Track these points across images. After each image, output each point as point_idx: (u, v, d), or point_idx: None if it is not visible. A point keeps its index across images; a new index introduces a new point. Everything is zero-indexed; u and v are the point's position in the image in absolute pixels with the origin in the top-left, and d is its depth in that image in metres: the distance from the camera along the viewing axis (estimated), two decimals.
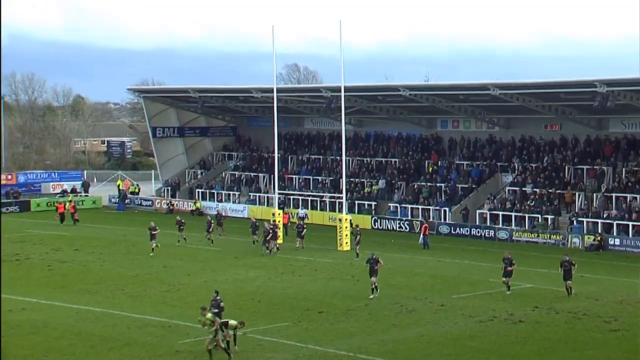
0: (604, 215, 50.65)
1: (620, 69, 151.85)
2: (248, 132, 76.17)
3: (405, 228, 56.28)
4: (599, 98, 47.62)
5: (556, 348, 26.67)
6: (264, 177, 68.61)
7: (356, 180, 63.41)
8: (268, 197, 64.84)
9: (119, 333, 28.16)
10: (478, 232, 53.58)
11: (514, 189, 56.24)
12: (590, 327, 29.30)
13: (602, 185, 53.22)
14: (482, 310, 31.70)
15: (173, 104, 73.37)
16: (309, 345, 26.77)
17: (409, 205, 58.65)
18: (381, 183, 62.09)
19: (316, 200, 62.66)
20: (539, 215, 52.81)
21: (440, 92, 57.04)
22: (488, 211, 55.08)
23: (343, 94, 49.26)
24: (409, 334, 28.21)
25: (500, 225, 53.65)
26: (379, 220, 57.93)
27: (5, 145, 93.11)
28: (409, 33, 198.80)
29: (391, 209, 59.38)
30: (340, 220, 48.78)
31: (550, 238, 50.72)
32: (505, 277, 34.73)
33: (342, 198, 51.32)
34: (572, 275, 33.89)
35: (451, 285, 36.91)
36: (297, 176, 67.12)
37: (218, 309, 26.31)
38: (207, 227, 48.88)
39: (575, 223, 51.08)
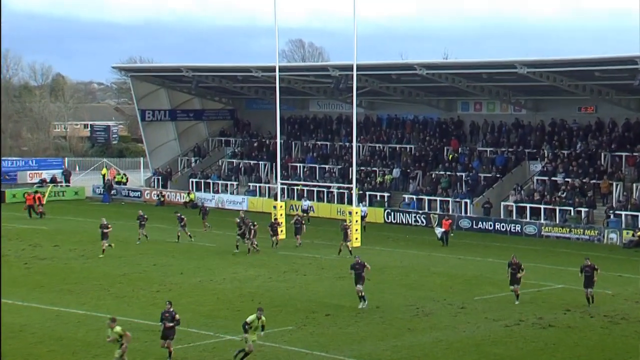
0: None
1: None
2: (247, 116, 76.21)
3: (422, 222, 56.30)
4: (639, 77, 47.47)
5: (590, 356, 26.68)
6: (264, 166, 68.67)
7: (367, 169, 63.42)
8: (269, 188, 64.95)
9: (104, 338, 28.12)
10: (503, 227, 53.57)
11: (543, 178, 56.19)
12: (629, 333, 29.27)
13: None
14: (508, 313, 31.68)
15: (164, 84, 73.41)
16: (315, 351, 26.80)
17: (426, 197, 58.67)
18: (395, 172, 62.11)
19: (323, 191, 62.70)
20: (572, 208, 52.77)
21: (461, 71, 56.96)
22: (514, 203, 55.05)
23: (355, 72, 49.20)
24: (426, 339, 28.22)
25: (528, 219, 53.63)
26: (392, 214, 57.98)
27: None
28: (424, 5, 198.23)
29: (406, 200, 59.41)
30: (349, 213, 48.81)
31: (583, 233, 50.68)
32: (513, 285, 33.46)
33: (352, 189, 51.33)
34: (595, 283, 32.95)
35: (472, 286, 36.93)
36: (302, 164, 67.18)
37: (173, 321, 26.03)
38: (180, 222, 48.70)
39: (612, 217, 51.04)
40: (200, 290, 35.88)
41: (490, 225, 54.04)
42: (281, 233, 47.99)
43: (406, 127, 66.11)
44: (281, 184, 55.21)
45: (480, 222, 54.47)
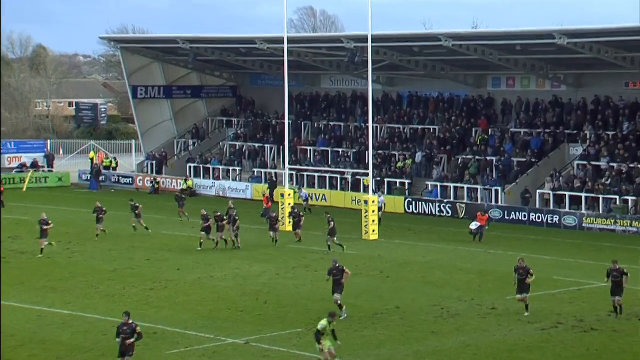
0: None
1: None
2: (251, 93, 76.23)
3: (447, 212, 56.28)
4: None
5: None
6: (271, 149, 68.72)
7: (386, 152, 63.40)
8: (276, 174, 64.99)
9: (92, 341, 28.31)
10: (538, 218, 53.52)
11: (584, 163, 56.07)
12: None
13: None
14: (544, 315, 31.62)
15: (158, 57, 73.47)
16: None
17: (452, 184, 58.63)
18: (417, 156, 62.07)
19: (336, 178, 62.72)
20: (617, 197, 52.66)
21: (491, 42, 56.78)
22: (551, 191, 54.99)
23: (370, 44, 49.06)
24: (452, 344, 28.19)
25: (567, 210, 53.56)
26: (413, 203, 57.97)
27: None
28: None
29: (429, 188, 59.40)
30: (365, 202, 48.80)
31: (631, 225, 50.59)
32: (520, 294, 31.79)
33: (369, 175, 51.33)
34: (624, 289, 31.95)
35: (504, 284, 36.79)
36: (313, 148, 67.19)
37: (134, 334, 24.37)
38: (133, 210, 48.67)
39: None
40: (199, 288, 35.95)
41: (525, 216, 53.97)
42: (282, 226, 47.98)
43: (429, 106, 66.01)
44: (289, 169, 55.24)
45: (513, 213, 54.39)
